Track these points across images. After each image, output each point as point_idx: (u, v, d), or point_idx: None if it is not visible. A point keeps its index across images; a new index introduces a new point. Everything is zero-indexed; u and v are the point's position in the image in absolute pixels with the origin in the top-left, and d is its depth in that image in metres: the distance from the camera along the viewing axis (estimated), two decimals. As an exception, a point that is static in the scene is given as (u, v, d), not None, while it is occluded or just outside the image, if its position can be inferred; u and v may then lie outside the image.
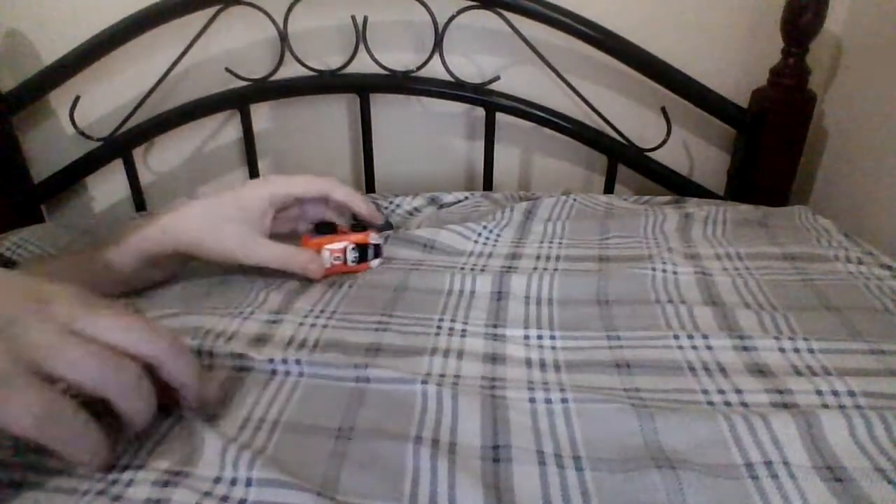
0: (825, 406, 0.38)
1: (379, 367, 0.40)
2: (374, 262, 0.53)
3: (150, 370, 0.32)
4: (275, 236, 0.53)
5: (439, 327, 0.47)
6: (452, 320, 0.48)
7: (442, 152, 0.90)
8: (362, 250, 0.53)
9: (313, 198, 0.55)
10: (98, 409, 0.31)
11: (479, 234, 0.64)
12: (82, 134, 0.79)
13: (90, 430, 0.30)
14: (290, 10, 0.75)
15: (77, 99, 0.78)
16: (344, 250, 0.52)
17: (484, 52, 0.83)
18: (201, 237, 0.50)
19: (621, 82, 0.83)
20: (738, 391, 0.39)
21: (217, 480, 0.31)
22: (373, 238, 0.52)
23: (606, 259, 0.59)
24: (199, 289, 0.54)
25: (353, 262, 0.53)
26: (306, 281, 0.54)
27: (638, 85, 0.81)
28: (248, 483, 0.31)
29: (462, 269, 0.57)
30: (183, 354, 0.33)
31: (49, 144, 0.85)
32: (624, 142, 0.81)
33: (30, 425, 0.27)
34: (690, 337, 0.45)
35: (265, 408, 0.38)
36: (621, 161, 0.82)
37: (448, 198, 0.76)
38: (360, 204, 0.54)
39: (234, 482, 0.31)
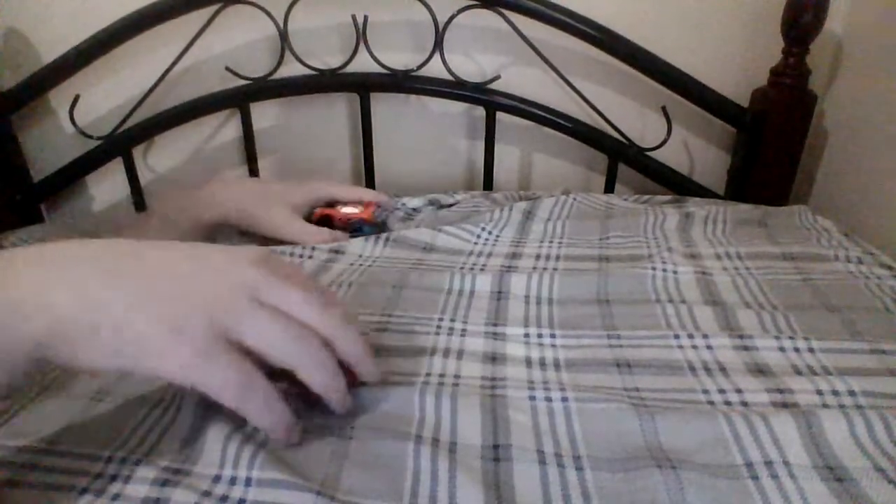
0: (825, 406, 0.38)
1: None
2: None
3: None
4: None
5: (439, 327, 0.47)
6: (452, 320, 0.48)
7: (442, 152, 0.90)
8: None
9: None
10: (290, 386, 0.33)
11: (479, 235, 0.64)
12: (82, 133, 0.79)
13: (276, 402, 0.31)
14: (290, 8, 0.75)
15: (77, 98, 0.78)
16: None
17: (484, 51, 0.83)
18: (252, 211, 0.59)
19: (622, 82, 0.83)
20: (739, 391, 0.39)
21: (216, 479, 0.31)
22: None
23: (606, 259, 0.59)
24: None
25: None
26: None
27: (638, 84, 0.81)
28: (248, 482, 0.31)
29: (462, 268, 0.57)
30: (353, 331, 0.34)
31: (48, 143, 0.85)
32: (624, 141, 0.81)
33: (232, 396, 0.29)
34: (691, 336, 0.45)
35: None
36: (621, 160, 0.82)
37: (448, 199, 0.76)
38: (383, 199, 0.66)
39: (233, 481, 0.31)
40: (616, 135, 0.81)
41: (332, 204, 0.65)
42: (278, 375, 0.32)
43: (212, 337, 0.29)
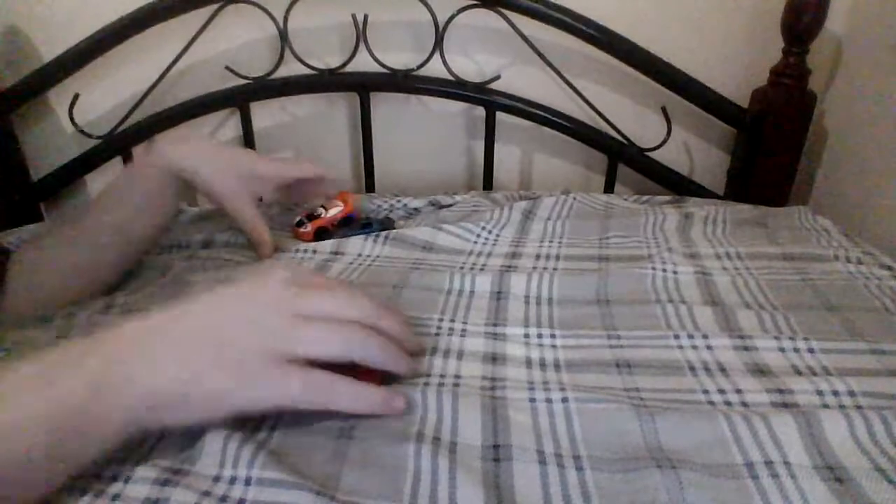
0: (825, 406, 0.38)
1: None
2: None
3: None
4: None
5: (439, 327, 0.47)
6: (452, 320, 0.48)
7: (442, 151, 0.90)
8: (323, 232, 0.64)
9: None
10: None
11: (479, 234, 0.64)
12: (82, 132, 0.78)
13: (356, 386, 0.34)
14: (290, 8, 0.75)
15: (76, 97, 0.77)
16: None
17: (484, 51, 0.83)
18: (202, 170, 0.55)
19: (622, 82, 0.83)
20: (739, 391, 0.39)
21: (216, 479, 0.31)
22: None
23: (606, 259, 0.59)
24: (196, 287, 0.54)
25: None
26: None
27: (638, 84, 0.81)
28: (247, 482, 0.31)
29: (461, 268, 0.57)
30: (389, 311, 0.36)
31: (48, 142, 0.85)
32: (624, 141, 0.81)
33: (313, 401, 0.33)
34: (690, 337, 0.45)
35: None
36: (621, 160, 0.82)
37: (448, 200, 0.76)
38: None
39: (233, 481, 0.31)
40: (616, 135, 0.81)
41: (312, 215, 0.64)
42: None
43: (270, 364, 0.32)
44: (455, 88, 0.80)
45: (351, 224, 0.65)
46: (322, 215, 0.64)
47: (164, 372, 0.31)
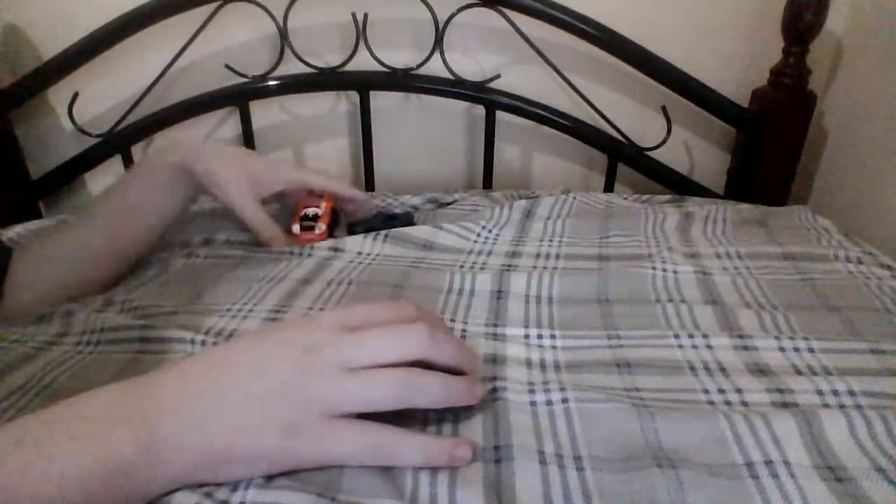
0: (825, 405, 0.37)
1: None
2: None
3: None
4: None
5: (439, 326, 0.47)
6: (452, 320, 0.48)
7: (442, 150, 0.90)
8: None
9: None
10: None
11: (479, 233, 0.64)
12: (81, 130, 0.78)
13: (418, 441, 0.32)
14: (290, 6, 0.75)
15: (76, 95, 0.77)
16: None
17: (484, 49, 0.83)
18: (218, 171, 0.57)
19: (622, 81, 0.83)
20: (739, 390, 0.39)
21: (218, 483, 0.31)
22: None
23: (606, 258, 0.59)
24: (197, 285, 0.54)
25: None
26: (306, 279, 0.54)
27: (638, 84, 0.81)
28: (248, 485, 0.31)
29: (462, 267, 0.57)
30: (439, 338, 0.34)
31: (47, 141, 0.84)
32: (624, 140, 0.81)
33: (377, 459, 0.32)
34: (691, 336, 0.45)
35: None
36: (621, 160, 0.82)
37: (447, 198, 0.76)
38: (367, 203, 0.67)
39: (234, 487, 0.31)
40: (616, 134, 0.81)
41: (309, 216, 0.63)
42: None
43: (319, 422, 0.31)
44: (455, 87, 0.80)
45: (354, 219, 0.67)
46: (319, 214, 0.64)
47: (214, 431, 0.30)
